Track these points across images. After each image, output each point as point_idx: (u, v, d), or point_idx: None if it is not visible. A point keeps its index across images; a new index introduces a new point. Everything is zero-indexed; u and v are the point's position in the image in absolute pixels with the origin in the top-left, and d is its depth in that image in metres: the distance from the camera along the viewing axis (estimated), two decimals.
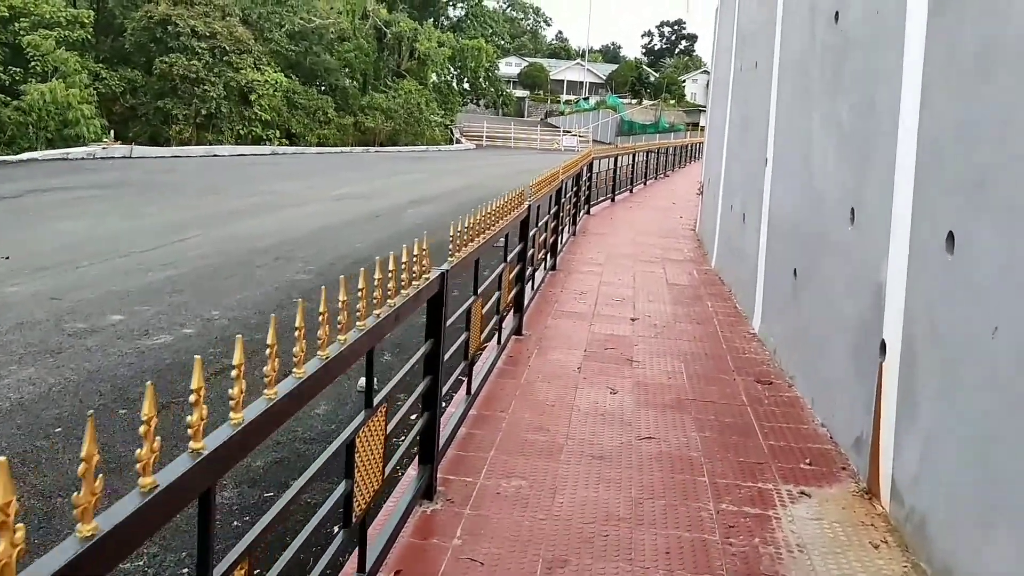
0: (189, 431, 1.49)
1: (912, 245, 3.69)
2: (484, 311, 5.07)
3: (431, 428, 3.70)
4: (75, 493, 1.16)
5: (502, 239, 5.42)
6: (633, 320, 7.44)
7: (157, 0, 37.15)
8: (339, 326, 2.26)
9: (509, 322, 6.51)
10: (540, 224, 7.80)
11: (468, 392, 4.80)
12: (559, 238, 10.21)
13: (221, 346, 6.79)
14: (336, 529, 2.78)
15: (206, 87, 36.24)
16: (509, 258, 5.83)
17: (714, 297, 8.60)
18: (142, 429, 1.34)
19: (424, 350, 3.59)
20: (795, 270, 6.01)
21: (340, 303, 2.20)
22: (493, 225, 4.80)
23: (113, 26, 39.57)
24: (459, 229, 3.95)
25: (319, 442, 4.94)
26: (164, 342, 6.84)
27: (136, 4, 39.07)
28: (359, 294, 2.49)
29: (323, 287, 2.20)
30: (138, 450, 1.34)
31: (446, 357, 3.94)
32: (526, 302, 7.03)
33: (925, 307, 3.53)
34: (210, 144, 35.96)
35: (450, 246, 3.84)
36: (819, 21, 5.72)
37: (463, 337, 4.62)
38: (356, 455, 2.58)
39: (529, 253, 7.13)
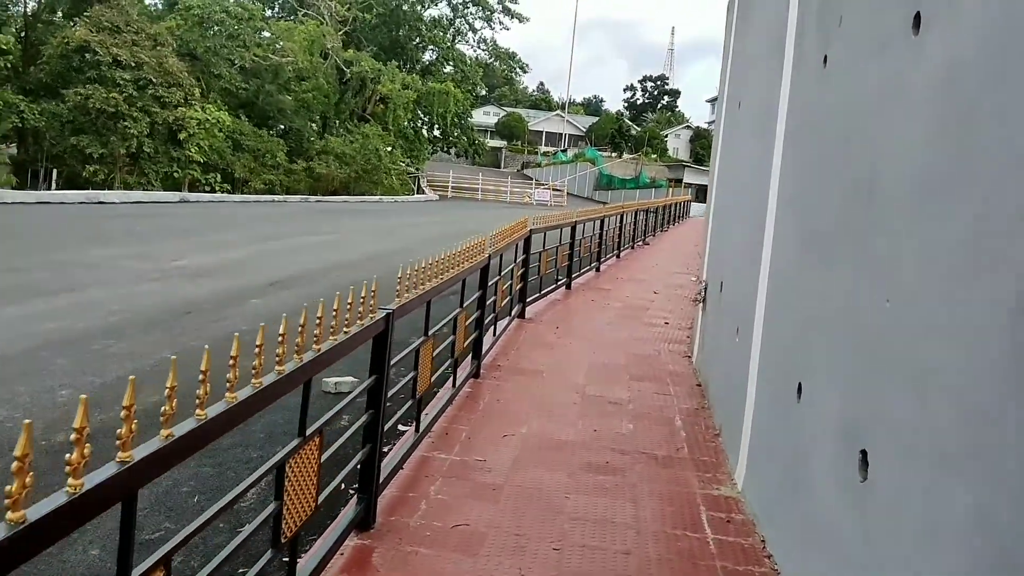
0: None
1: None
2: None
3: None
4: None
5: None
6: None
7: (77, 24, 31.70)
8: None
9: None
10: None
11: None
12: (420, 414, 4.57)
13: None
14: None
15: (127, 123, 30.56)
16: None
17: None
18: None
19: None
20: None
21: None
22: None
23: (41, 55, 33.93)
24: None
25: None
26: None
27: (60, 28, 33.65)
28: None
29: None
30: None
31: None
32: None
33: None
34: (134, 188, 30.27)
35: None
36: None
37: None
38: None
39: None
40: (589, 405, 6.14)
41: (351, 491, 4.01)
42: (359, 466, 3.71)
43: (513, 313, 8.89)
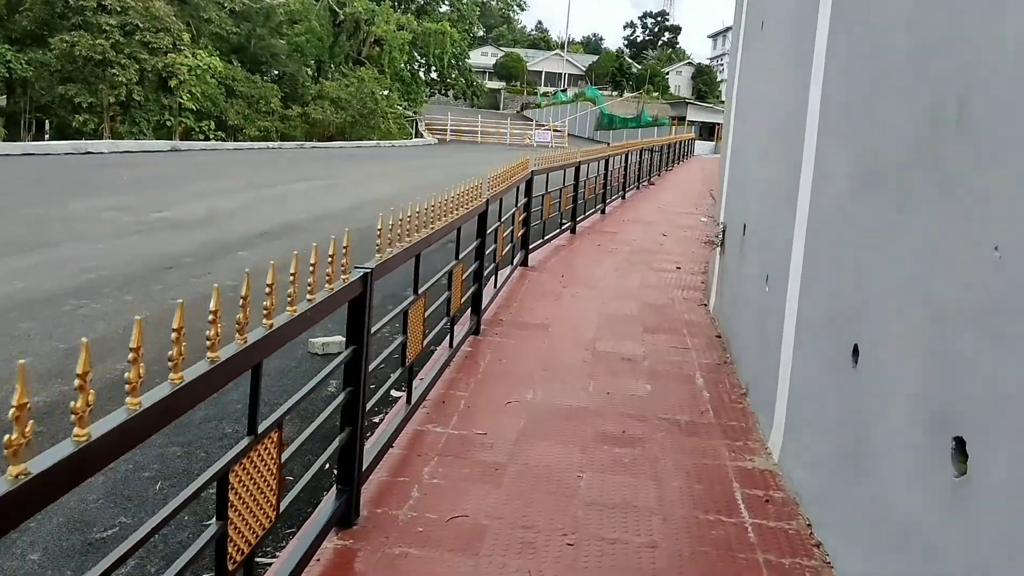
0: None
1: None
2: None
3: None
4: None
5: None
6: None
7: None
8: None
9: None
10: None
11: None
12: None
13: None
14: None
15: (114, 70, 29.50)
16: None
17: None
18: None
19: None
20: None
21: None
22: None
23: (24, 2, 32.63)
24: None
25: None
26: None
27: None
28: None
29: None
30: None
31: None
32: None
33: None
34: (125, 137, 29.35)
35: None
36: None
37: None
38: None
39: None
40: (600, 363, 5.55)
41: (335, 471, 3.45)
42: (338, 453, 3.14)
43: (515, 261, 8.26)
